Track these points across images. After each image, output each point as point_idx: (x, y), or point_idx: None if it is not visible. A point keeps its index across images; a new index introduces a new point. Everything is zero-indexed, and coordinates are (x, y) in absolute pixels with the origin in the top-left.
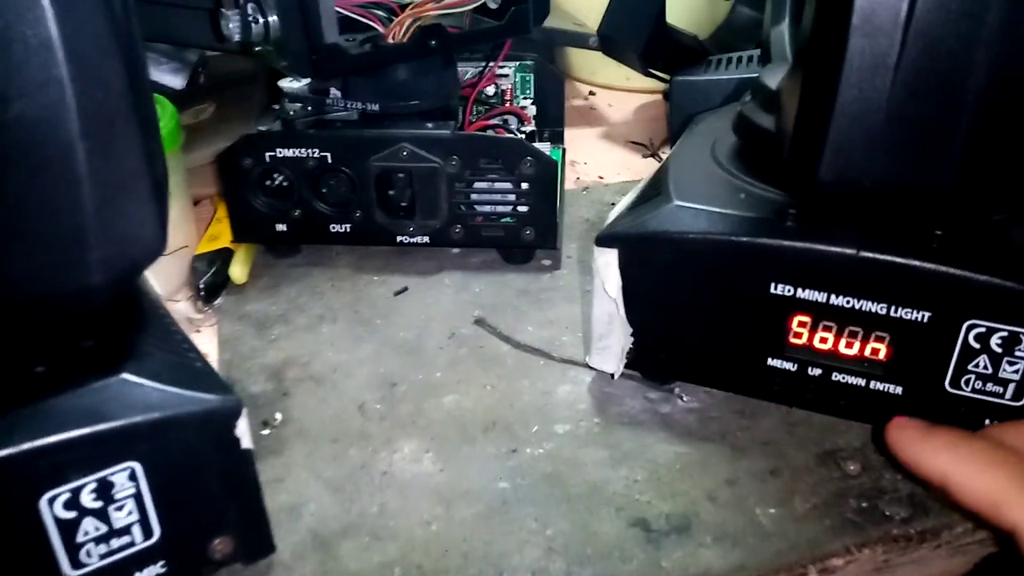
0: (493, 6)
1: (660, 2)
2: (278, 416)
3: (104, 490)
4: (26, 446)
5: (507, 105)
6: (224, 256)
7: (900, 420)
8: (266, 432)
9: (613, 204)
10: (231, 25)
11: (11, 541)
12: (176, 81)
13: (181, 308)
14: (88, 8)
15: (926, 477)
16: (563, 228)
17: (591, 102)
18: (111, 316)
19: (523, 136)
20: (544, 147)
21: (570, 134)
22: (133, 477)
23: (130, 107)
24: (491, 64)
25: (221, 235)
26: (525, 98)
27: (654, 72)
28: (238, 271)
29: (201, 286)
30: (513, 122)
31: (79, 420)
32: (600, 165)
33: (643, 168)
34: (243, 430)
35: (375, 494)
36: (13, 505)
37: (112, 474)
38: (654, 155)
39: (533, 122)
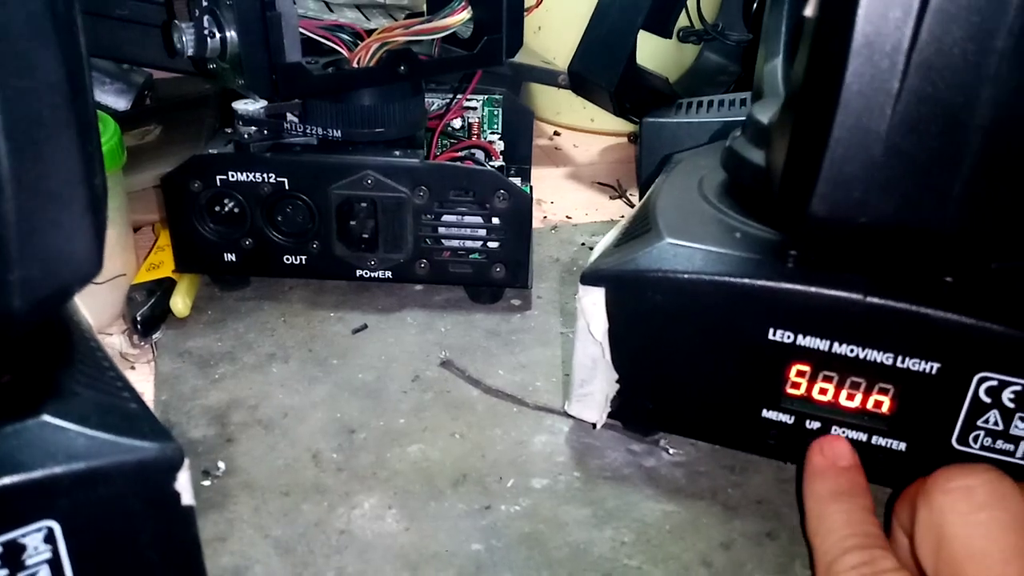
0: (464, 35)
1: (632, 42)
2: (221, 465)
3: (13, 554)
4: None
5: (475, 139)
6: (165, 286)
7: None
8: (207, 483)
9: (583, 244)
10: (184, 38)
11: None
12: (120, 103)
13: (115, 342)
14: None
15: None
16: (533, 267)
17: (556, 142)
18: (33, 347)
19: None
20: (514, 182)
21: (536, 173)
22: (50, 539)
23: (65, 103)
24: (459, 96)
25: (162, 264)
26: (493, 132)
27: (626, 111)
28: (180, 303)
29: (138, 318)
30: (480, 156)
31: None
32: (567, 205)
33: (612, 209)
34: (184, 483)
35: (331, 556)
36: None
37: (24, 535)
38: (622, 197)
39: (501, 157)
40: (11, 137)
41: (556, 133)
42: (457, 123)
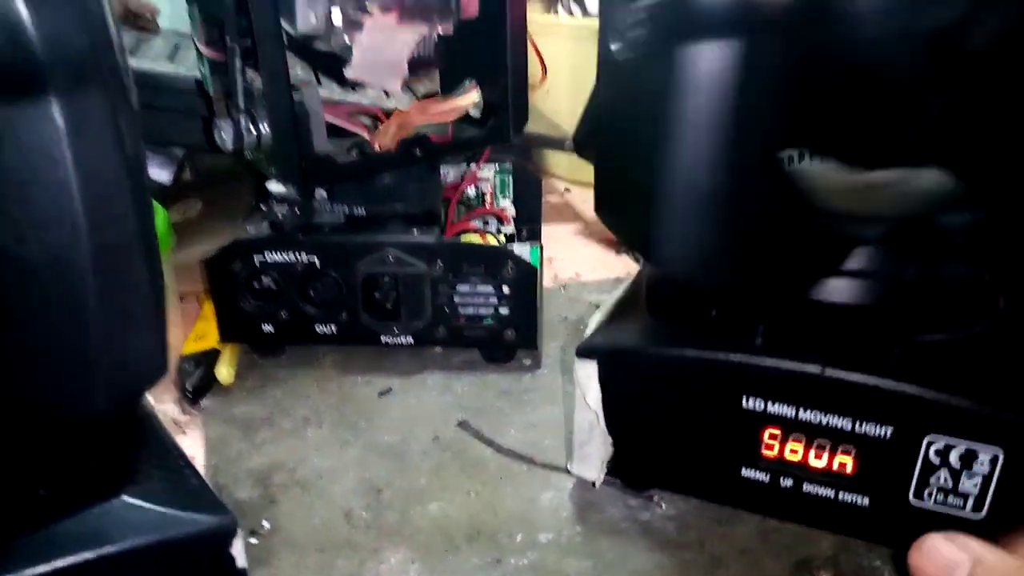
0: (475, 115)
1: None
2: (265, 524)
3: None
4: (28, 572)
5: (488, 206)
6: (211, 357)
7: (937, 541)
8: (254, 541)
9: (591, 303)
10: (224, 135)
11: None
12: (163, 176)
13: (167, 410)
14: (104, 151)
15: None
16: (543, 327)
17: (567, 199)
18: (111, 434)
19: (503, 236)
20: (523, 248)
21: (547, 230)
22: None
23: (139, 241)
24: (472, 167)
25: (207, 334)
26: (504, 198)
27: None
28: (225, 372)
29: (188, 388)
30: (493, 222)
31: (81, 544)
32: (577, 261)
33: (618, 265)
34: (238, 549)
35: None
36: None
37: None
38: (628, 252)
39: (512, 222)
40: (99, 274)
41: (567, 189)
42: (472, 191)
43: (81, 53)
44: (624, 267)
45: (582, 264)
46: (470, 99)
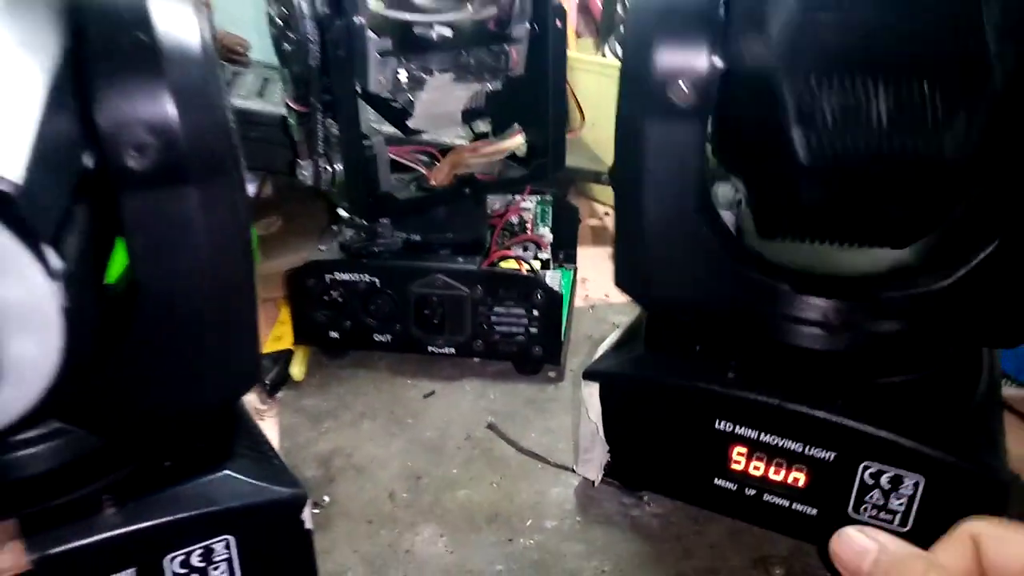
0: (520, 155)
1: None
2: (326, 498)
3: (207, 554)
4: (156, 521)
5: (528, 233)
6: (286, 356)
7: (851, 533)
8: (317, 511)
9: (615, 324)
10: (305, 172)
11: None
12: (249, 188)
13: (250, 399)
14: (225, 220)
15: None
16: (569, 344)
17: (605, 222)
18: (217, 424)
19: (539, 262)
20: (555, 274)
21: (584, 252)
22: (228, 546)
23: (245, 281)
24: (516, 198)
25: (284, 336)
26: (544, 226)
27: None
28: (297, 370)
29: (267, 381)
30: (533, 248)
31: (195, 503)
32: (608, 284)
33: None
34: (307, 515)
35: (398, 568)
36: (145, 562)
37: (215, 542)
38: None
39: (549, 248)
40: (216, 307)
41: (607, 213)
42: (515, 219)
43: (214, 149)
44: None
45: (612, 286)
46: (516, 142)
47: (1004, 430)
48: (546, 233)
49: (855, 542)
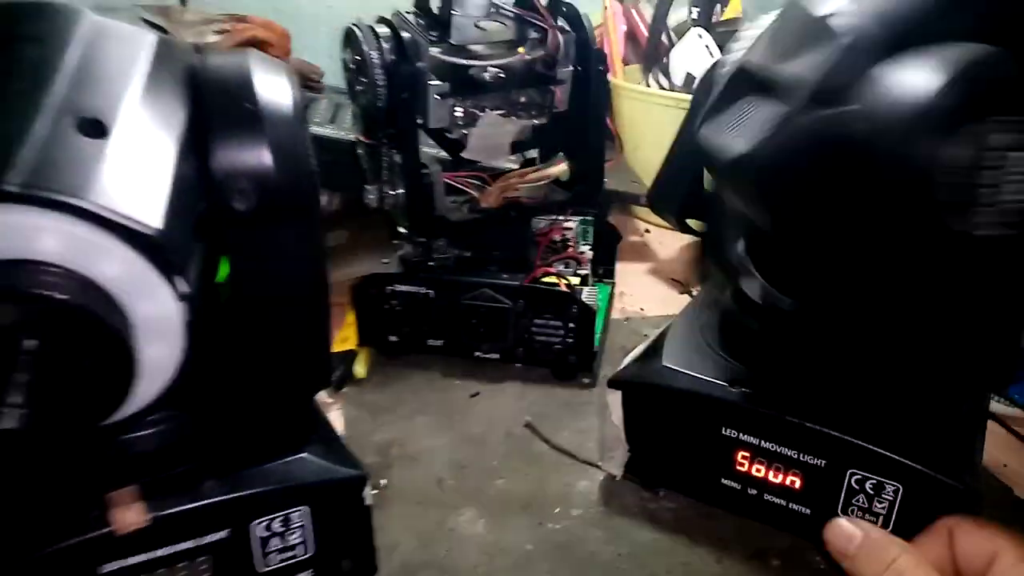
0: (564, 180)
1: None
2: (383, 482)
3: (286, 521)
4: (247, 492)
5: (569, 251)
6: (351, 356)
7: (840, 522)
8: (375, 492)
9: (646, 335)
10: (371, 196)
11: (232, 548)
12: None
13: (319, 394)
14: (312, 248)
15: None
16: (604, 352)
17: (645, 239)
18: (297, 415)
19: (579, 277)
20: (592, 290)
21: (623, 267)
22: (303, 516)
23: (325, 296)
24: (560, 218)
25: (349, 338)
26: (585, 244)
27: (690, 228)
28: (360, 369)
29: (333, 378)
30: (573, 265)
31: (278, 479)
32: (643, 298)
33: (678, 303)
34: (367, 493)
35: (443, 544)
36: (236, 525)
37: (292, 512)
38: (687, 292)
39: (589, 265)
40: (308, 318)
41: (647, 230)
42: (558, 237)
43: (301, 194)
44: (683, 304)
45: (648, 300)
46: (559, 169)
47: (982, 445)
48: (586, 251)
49: (844, 529)
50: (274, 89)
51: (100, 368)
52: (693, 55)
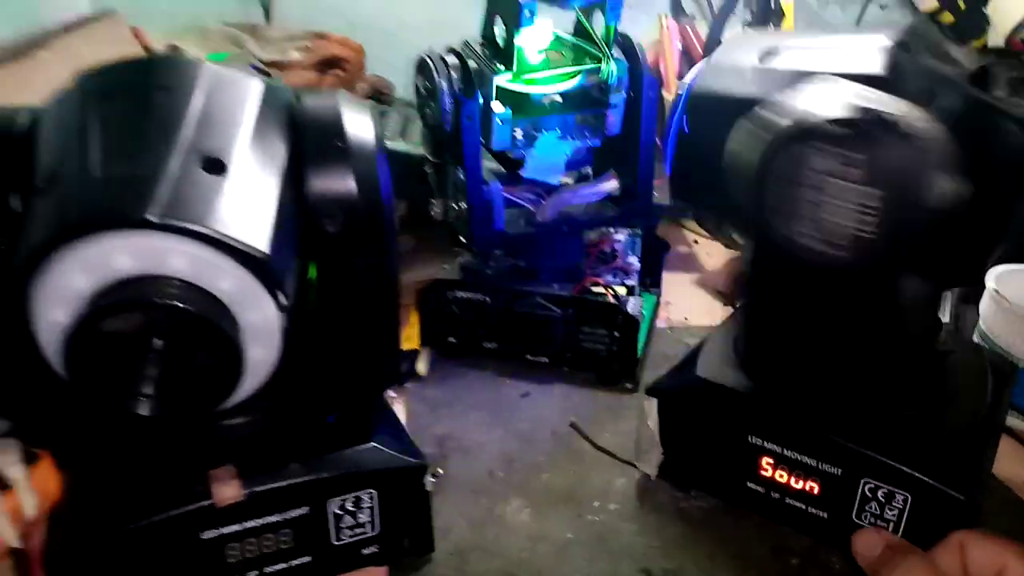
0: (615, 194)
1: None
2: (440, 471)
3: (357, 502)
4: (324, 475)
5: (618, 262)
6: (413, 355)
7: (867, 531)
8: (433, 479)
9: (688, 344)
10: (437, 209)
11: (310, 523)
12: None
13: None
14: (384, 263)
15: None
16: (647, 359)
17: (693, 250)
18: (368, 408)
19: (626, 288)
20: (637, 300)
21: (670, 277)
22: (371, 498)
23: (395, 304)
24: (610, 231)
25: (412, 338)
26: (632, 255)
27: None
28: (422, 367)
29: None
30: (621, 275)
31: (350, 465)
32: (688, 308)
33: (721, 314)
34: (427, 481)
35: (492, 529)
36: (315, 503)
37: (362, 494)
38: (731, 304)
39: (635, 277)
40: (373, 319)
41: (695, 241)
42: (608, 248)
43: (380, 218)
44: (726, 316)
45: (692, 310)
46: (610, 186)
47: (992, 458)
48: (634, 262)
49: (869, 538)
50: (359, 127)
51: (215, 365)
52: None
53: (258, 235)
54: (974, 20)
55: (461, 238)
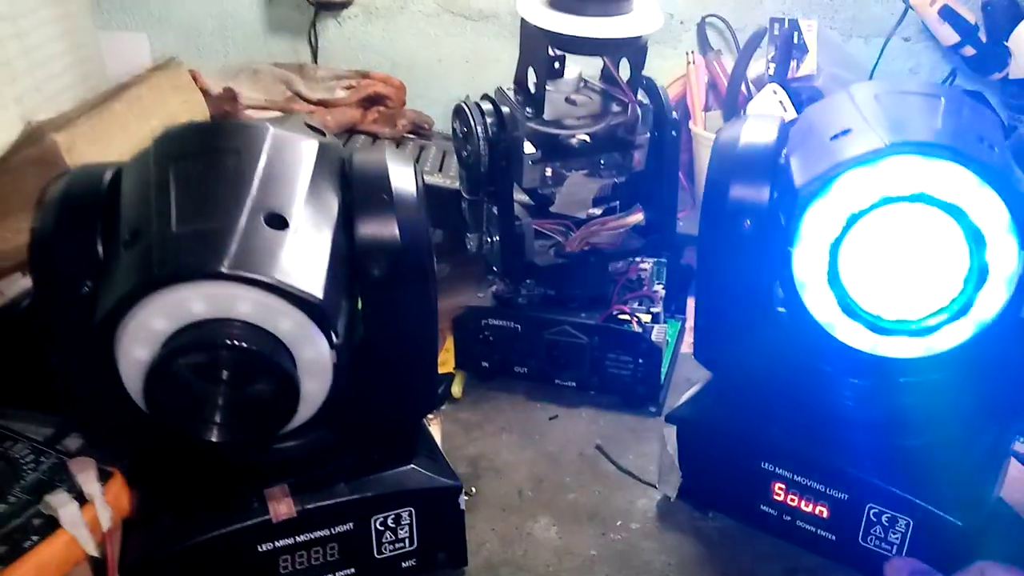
0: (642, 225)
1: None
2: (473, 490)
3: (397, 519)
4: (368, 494)
5: (644, 289)
6: (448, 378)
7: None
8: (467, 498)
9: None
10: (472, 242)
11: (354, 538)
12: None
13: None
14: (424, 301)
15: None
16: (670, 384)
17: None
18: (408, 432)
19: (651, 315)
20: (663, 327)
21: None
22: (410, 515)
23: (434, 337)
24: (636, 260)
25: (447, 362)
26: (658, 283)
27: None
28: (457, 389)
29: None
30: (647, 303)
31: (392, 485)
32: None
33: None
34: (462, 499)
35: (521, 545)
36: (359, 519)
37: (402, 512)
38: None
39: (661, 304)
40: (413, 351)
41: None
42: (634, 276)
43: (421, 262)
44: None
45: None
46: (636, 218)
47: (998, 485)
48: (659, 290)
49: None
50: (403, 180)
51: (275, 397)
52: (768, 109)
53: (313, 282)
54: (996, 53)
55: (494, 267)
